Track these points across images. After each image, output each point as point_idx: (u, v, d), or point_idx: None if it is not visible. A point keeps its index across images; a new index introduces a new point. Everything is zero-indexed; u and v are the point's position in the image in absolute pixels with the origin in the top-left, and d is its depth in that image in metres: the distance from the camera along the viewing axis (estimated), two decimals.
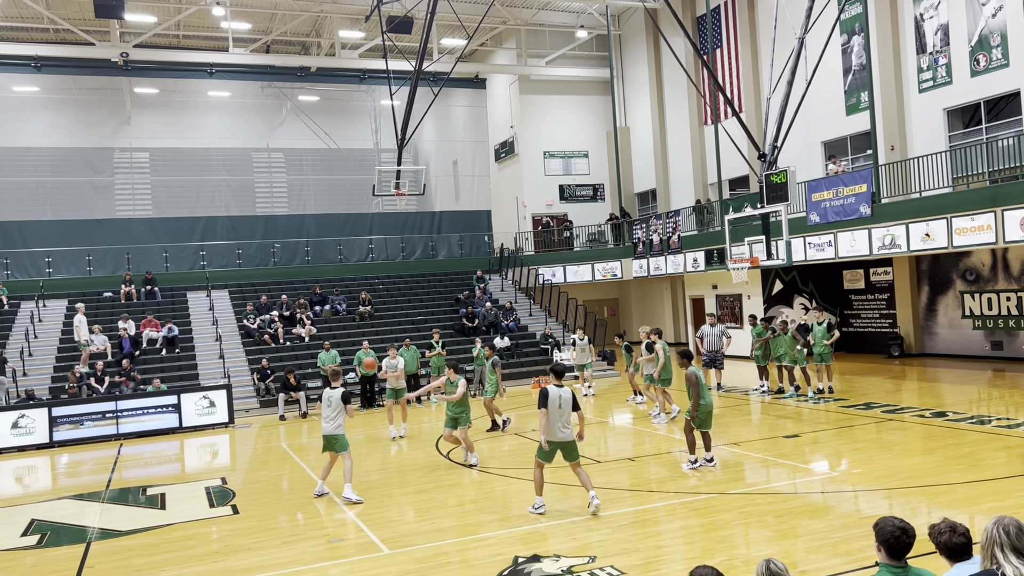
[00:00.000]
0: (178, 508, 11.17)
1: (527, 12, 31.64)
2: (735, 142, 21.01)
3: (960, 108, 20.67)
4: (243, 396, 20.62)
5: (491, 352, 16.93)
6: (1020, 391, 16.42)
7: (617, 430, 15.67)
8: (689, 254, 25.87)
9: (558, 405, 9.38)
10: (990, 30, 19.52)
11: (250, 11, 29.29)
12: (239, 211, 31.98)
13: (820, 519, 8.73)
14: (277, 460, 14.47)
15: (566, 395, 9.45)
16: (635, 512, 9.45)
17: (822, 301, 25.33)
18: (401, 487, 11.53)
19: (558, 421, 9.38)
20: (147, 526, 10.26)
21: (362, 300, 25.75)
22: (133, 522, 10.54)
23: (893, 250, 19.17)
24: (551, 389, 9.47)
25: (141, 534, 9.92)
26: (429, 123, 32.47)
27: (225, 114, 32.56)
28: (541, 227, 32.41)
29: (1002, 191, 16.88)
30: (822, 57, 19.14)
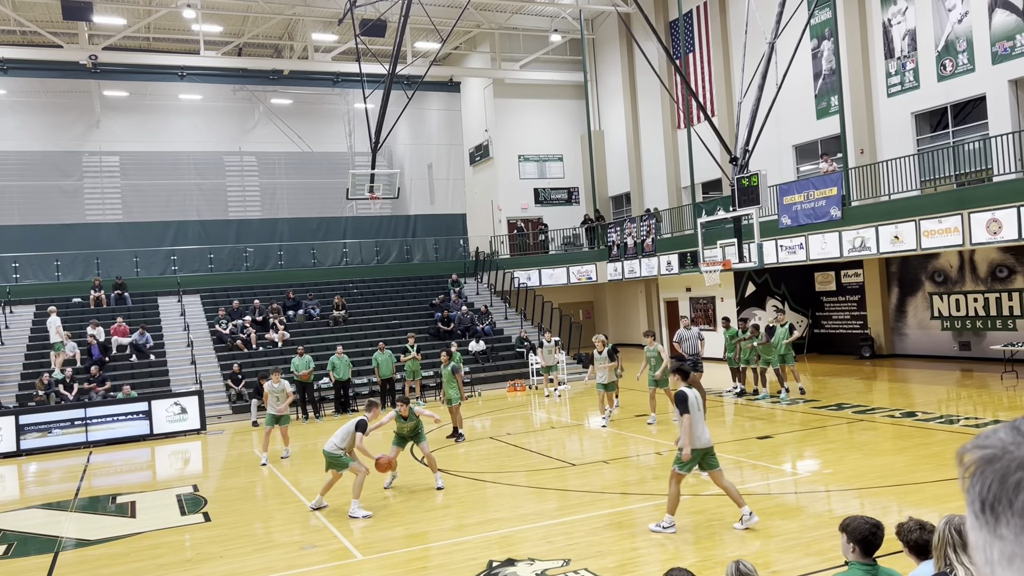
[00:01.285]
0: (148, 516, 11.01)
1: (501, 16, 31.68)
2: (707, 146, 21.17)
3: (927, 112, 20.99)
4: (215, 402, 20.40)
5: (447, 359, 16.61)
6: (987, 391, 16.69)
7: (592, 433, 15.69)
8: (663, 257, 26.02)
9: (698, 407, 8.60)
10: (956, 36, 19.85)
11: (221, 14, 29.05)
12: (211, 215, 31.65)
13: (792, 519, 8.80)
14: (249, 467, 14.32)
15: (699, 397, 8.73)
16: (610, 515, 9.47)
17: (794, 303, 25.59)
18: (375, 492, 11.46)
19: (701, 424, 8.61)
20: (116, 535, 10.11)
21: (336, 304, 25.59)
22: (102, 531, 10.38)
23: (863, 252, 19.41)
24: (687, 391, 8.56)
25: (110, 543, 9.77)
26: (403, 126, 32.37)
27: (196, 117, 32.24)
28: (516, 230, 32.43)
29: (968, 194, 17.15)
30: (792, 61, 19.35)
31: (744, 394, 18.25)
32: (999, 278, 20.22)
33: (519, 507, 10.13)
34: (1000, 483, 0.61)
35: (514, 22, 32.03)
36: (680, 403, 8.51)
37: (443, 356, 16.99)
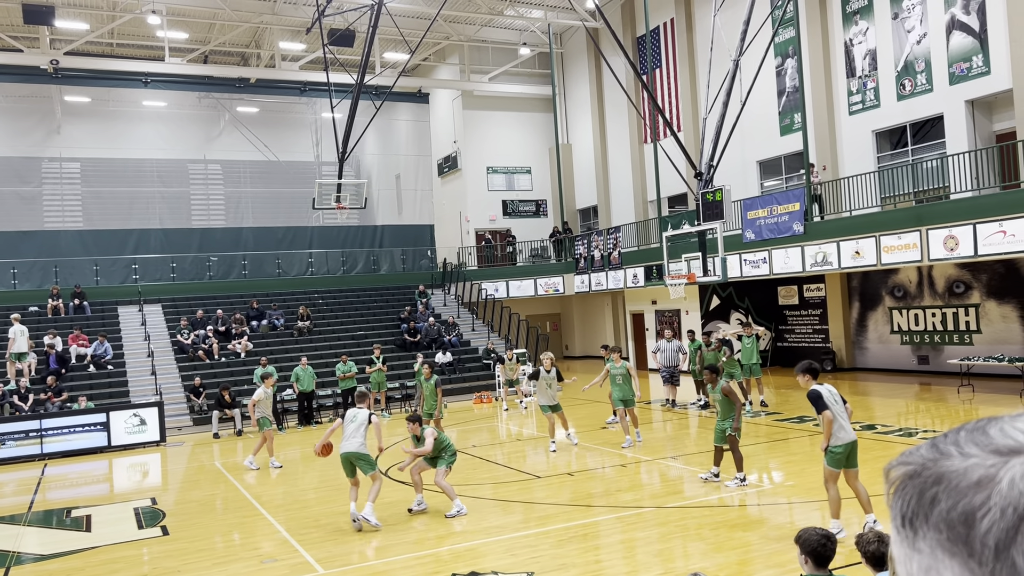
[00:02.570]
0: (105, 530, 10.77)
1: (470, 28, 31.78)
2: (673, 161, 21.39)
3: (888, 130, 21.43)
4: (176, 414, 20.06)
5: (430, 372, 16.37)
6: (945, 404, 17.01)
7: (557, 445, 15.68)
8: (629, 270, 26.19)
9: (834, 400, 8.32)
10: (915, 56, 20.32)
11: (187, 21, 28.75)
12: (174, 224, 31.22)
13: (754, 531, 8.87)
14: (210, 479, 14.09)
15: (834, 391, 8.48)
16: (575, 527, 9.46)
17: (758, 317, 25.89)
18: (338, 505, 11.33)
19: (844, 418, 8.31)
20: (71, 549, 9.87)
21: (301, 315, 25.34)
22: (56, 545, 10.13)
23: (825, 267, 19.71)
24: (820, 388, 8.33)
25: (64, 558, 9.53)
26: (371, 136, 32.26)
27: (160, 124, 31.83)
28: (484, 242, 32.44)
29: (927, 211, 17.53)
30: (756, 79, 19.65)
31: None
32: (956, 294, 20.66)
33: (483, 520, 10.08)
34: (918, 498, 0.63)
35: (483, 35, 32.15)
36: (816, 401, 8.26)
37: (425, 370, 16.14)
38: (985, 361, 18.14)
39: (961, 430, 0.66)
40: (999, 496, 0.58)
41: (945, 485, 0.61)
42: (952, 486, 0.61)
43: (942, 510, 0.61)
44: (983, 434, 0.64)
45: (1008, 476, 0.59)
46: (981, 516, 0.59)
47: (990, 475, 0.60)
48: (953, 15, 19.30)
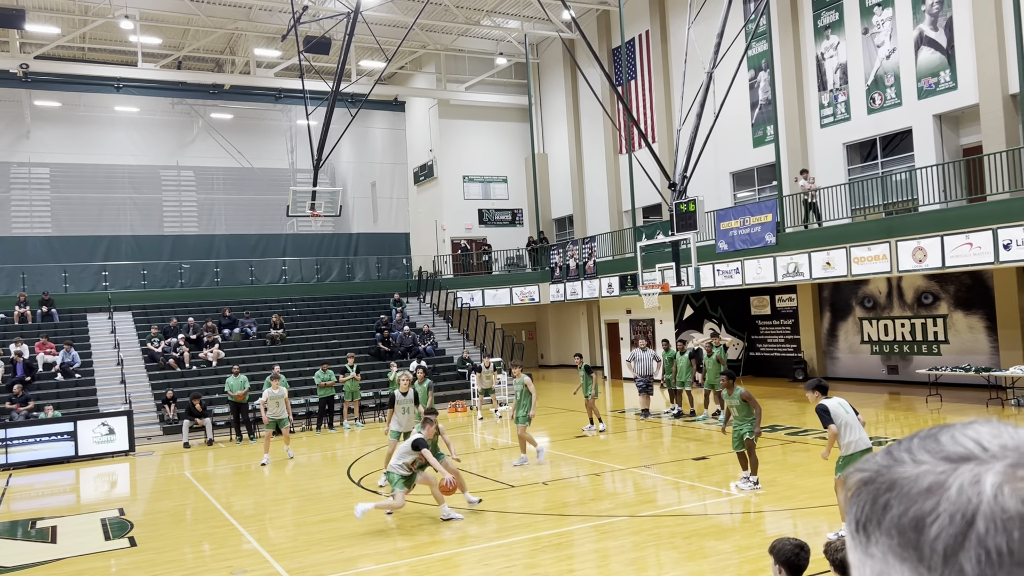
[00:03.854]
0: (70, 541, 10.58)
1: (447, 38, 31.83)
2: (647, 171, 21.54)
3: (858, 143, 21.75)
4: (145, 423, 19.78)
5: (424, 375, 16.04)
6: (913, 413, 17.24)
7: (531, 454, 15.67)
8: (604, 279, 26.29)
9: (845, 411, 8.55)
10: (885, 71, 20.66)
11: (160, 26, 28.51)
12: (145, 230, 30.86)
13: (726, 540, 8.92)
14: (180, 489, 13.90)
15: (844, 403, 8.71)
16: (548, 536, 9.45)
17: (731, 326, 26.09)
18: (311, 515, 11.24)
19: (857, 429, 8.49)
20: (35, 561, 9.68)
21: (273, 323, 25.12)
22: (20, 557, 9.93)
23: (796, 278, 19.93)
24: (827, 402, 8.58)
25: (29, 570, 9.35)
26: (347, 144, 32.17)
27: (132, 130, 31.50)
28: (460, 251, 32.41)
29: (896, 223, 17.80)
30: (730, 91, 19.86)
31: (681, 415, 18.49)
32: (924, 304, 20.97)
33: (457, 530, 10.04)
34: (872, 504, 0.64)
35: (460, 44, 32.22)
36: (822, 415, 8.50)
37: (419, 373, 16.07)
38: (952, 371, 18.42)
39: (915, 437, 0.67)
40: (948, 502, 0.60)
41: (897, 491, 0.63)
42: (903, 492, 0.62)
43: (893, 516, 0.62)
44: (935, 441, 0.65)
45: (957, 483, 0.60)
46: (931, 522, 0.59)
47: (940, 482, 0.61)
48: (921, 31, 19.67)
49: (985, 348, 19.47)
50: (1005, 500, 0.58)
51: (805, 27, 22.84)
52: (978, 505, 0.59)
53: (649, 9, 28.07)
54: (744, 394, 10.92)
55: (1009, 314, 18.71)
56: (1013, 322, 18.62)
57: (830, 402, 8.55)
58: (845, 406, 8.60)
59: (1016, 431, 0.65)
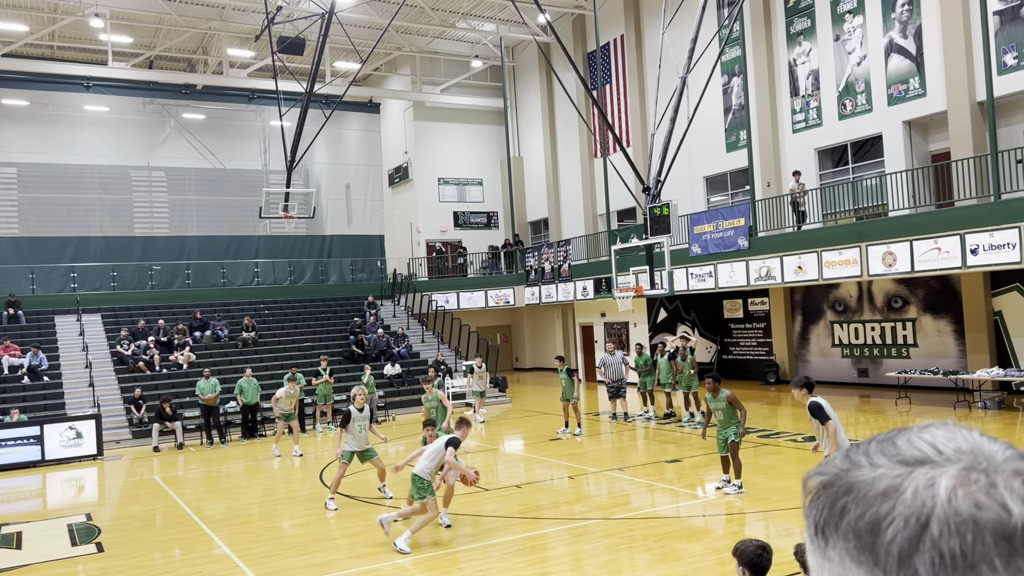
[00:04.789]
0: (35, 547, 10.39)
1: (422, 40, 31.76)
2: (622, 175, 21.63)
3: (829, 149, 22.01)
4: (114, 426, 19.49)
5: (434, 374, 16.69)
6: (883, 416, 17.45)
7: (506, 457, 15.67)
8: (579, 282, 26.36)
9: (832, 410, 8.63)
10: (855, 77, 20.93)
11: (132, 25, 28.15)
12: (115, 231, 30.44)
13: (699, 542, 8.96)
14: (149, 494, 13.71)
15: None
16: (522, 539, 9.44)
17: (704, 329, 26.26)
18: (281, 520, 11.13)
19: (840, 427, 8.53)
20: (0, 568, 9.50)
21: (245, 326, 24.87)
22: None
23: (769, 281, 20.11)
24: (820, 400, 8.59)
25: None
26: (321, 146, 31.97)
27: (103, 130, 31.06)
28: (435, 253, 32.33)
29: (866, 228, 18.03)
30: (703, 96, 20.00)
31: (668, 416, 18.57)
32: (894, 308, 21.25)
33: (431, 533, 10.00)
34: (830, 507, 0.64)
35: (435, 46, 32.16)
36: (818, 412, 8.49)
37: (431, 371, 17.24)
38: (921, 374, 18.68)
39: (873, 441, 0.67)
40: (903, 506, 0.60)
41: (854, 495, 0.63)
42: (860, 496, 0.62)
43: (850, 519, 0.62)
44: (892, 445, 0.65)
45: (912, 486, 0.61)
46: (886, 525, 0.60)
47: (895, 485, 0.61)
48: (891, 38, 19.95)
49: (953, 351, 19.77)
50: (959, 503, 0.59)
51: (778, 33, 23.07)
52: (932, 508, 0.59)
53: (624, 14, 28.21)
54: (730, 397, 10.96)
55: (976, 318, 19.02)
56: (980, 326, 18.93)
57: (822, 400, 8.59)
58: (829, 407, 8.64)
59: (971, 434, 0.65)
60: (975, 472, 0.61)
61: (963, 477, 0.60)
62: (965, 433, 0.65)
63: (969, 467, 0.61)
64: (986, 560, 0.57)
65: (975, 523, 0.58)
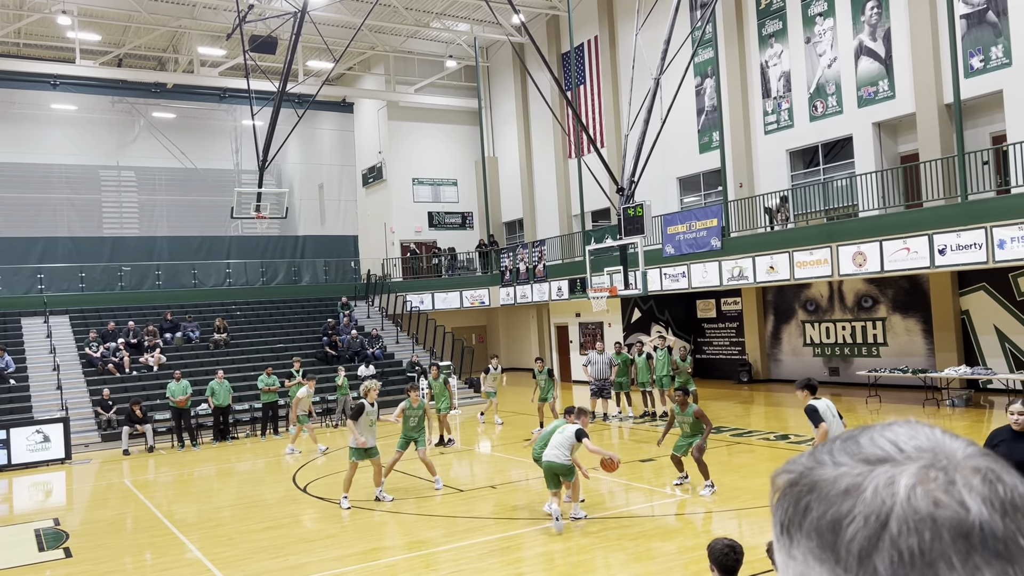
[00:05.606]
0: (1, 553, 10.19)
1: (396, 39, 31.63)
2: (596, 176, 21.69)
3: (801, 150, 22.24)
4: (83, 430, 19.19)
5: (437, 372, 17.06)
6: (854, 414, 17.65)
7: (481, 458, 15.65)
8: (554, 283, 26.40)
9: (832, 415, 8.80)
10: (826, 79, 21.17)
11: (100, 22, 27.73)
12: (83, 232, 29.99)
13: (672, 541, 9.00)
14: (119, 498, 13.51)
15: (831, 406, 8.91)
16: (496, 540, 9.42)
17: (677, 329, 26.42)
18: (255, 523, 11.02)
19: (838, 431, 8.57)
20: None
21: (217, 327, 24.61)
22: None
23: (741, 281, 20.28)
24: (816, 403, 8.79)
25: None
26: (293, 145, 31.72)
27: (71, 129, 30.58)
28: (410, 253, 32.21)
29: (837, 228, 18.24)
30: (676, 97, 20.11)
31: (647, 416, 18.65)
32: (864, 308, 21.52)
33: (405, 535, 9.97)
34: (794, 506, 0.64)
35: (409, 46, 32.05)
36: (811, 415, 8.69)
37: (433, 371, 17.37)
38: (891, 373, 18.92)
39: (837, 439, 0.67)
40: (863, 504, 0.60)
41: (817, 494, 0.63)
42: (823, 494, 0.62)
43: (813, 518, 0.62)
44: (855, 443, 0.65)
45: (872, 485, 0.61)
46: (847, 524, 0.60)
47: (856, 484, 0.61)
48: (861, 41, 20.21)
49: (921, 350, 20.06)
50: (917, 501, 0.59)
51: (750, 35, 23.27)
52: (892, 507, 0.59)
53: (598, 15, 28.31)
54: (698, 412, 10.96)
55: (944, 317, 19.32)
56: (948, 325, 19.23)
57: (819, 403, 8.76)
58: (832, 409, 8.80)
59: (932, 432, 0.65)
60: (934, 470, 0.61)
61: (922, 475, 0.61)
62: (927, 431, 0.65)
63: (929, 465, 0.61)
64: (944, 558, 0.57)
65: (933, 521, 0.58)
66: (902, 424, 0.66)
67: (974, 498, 0.59)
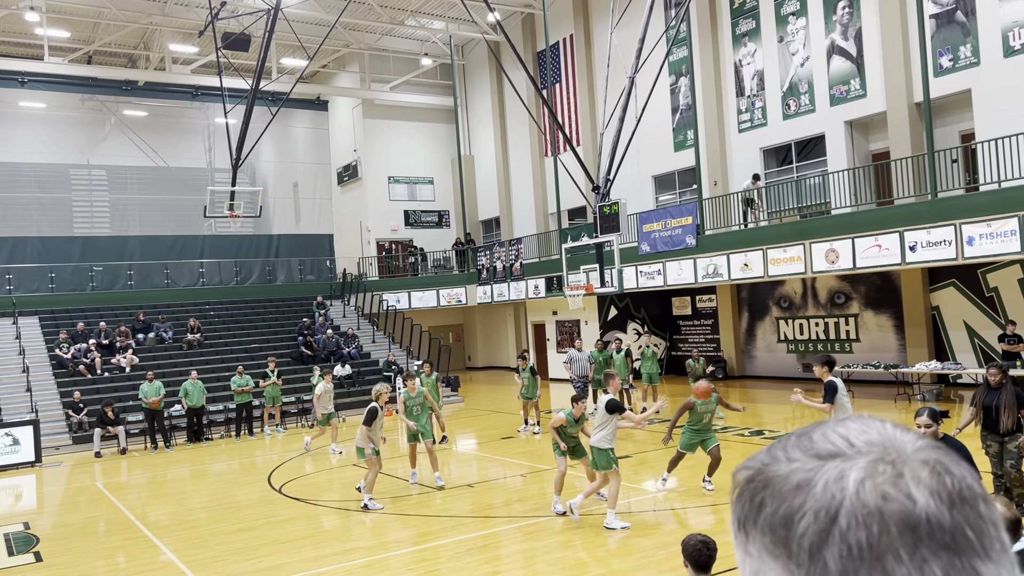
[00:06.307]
0: None
1: (370, 37, 31.46)
2: (572, 174, 21.74)
3: (774, 148, 22.43)
4: (53, 432, 18.90)
5: (431, 369, 16.87)
6: None
7: (459, 457, 15.62)
8: (530, 281, 26.42)
9: (844, 393, 9.13)
10: (799, 78, 21.37)
11: (69, 19, 27.32)
12: (53, 231, 29.54)
13: (648, 537, 9.05)
14: (91, 501, 13.33)
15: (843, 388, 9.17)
16: (474, 539, 9.41)
17: (653, 327, 26.55)
18: (230, 524, 10.92)
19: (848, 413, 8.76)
20: None
21: (190, 327, 24.36)
22: None
23: (716, 279, 20.41)
24: (836, 381, 9.13)
25: None
26: (267, 143, 31.46)
27: (39, 127, 30.10)
28: (385, 252, 32.06)
29: (810, 225, 18.42)
30: (651, 96, 20.21)
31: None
32: (837, 304, 21.76)
33: (381, 535, 9.93)
34: (750, 502, 0.65)
35: (384, 43, 31.90)
36: (830, 391, 9.07)
37: (426, 368, 17.02)
38: (863, 368, 19.15)
39: (792, 435, 0.68)
40: (813, 499, 0.60)
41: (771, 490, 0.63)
42: (776, 490, 0.63)
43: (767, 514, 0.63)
44: (808, 439, 0.66)
45: (823, 480, 0.61)
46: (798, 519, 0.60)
47: (807, 479, 0.62)
48: (833, 40, 20.41)
49: (893, 346, 20.32)
50: (866, 496, 0.59)
51: (724, 34, 23.42)
52: (841, 501, 0.60)
53: (573, 13, 28.35)
54: (720, 398, 11.07)
55: (915, 313, 19.58)
56: (919, 321, 19.49)
57: (839, 381, 9.20)
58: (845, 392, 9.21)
59: (884, 426, 0.66)
60: (883, 464, 0.61)
61: (871, 469, 0.61)
62: (879, 425, 0.65)
63: (878, 459, 0.62)
64: (891, 551, 0.58)
65: (881, 515, 0.59)
66: (855, 419, 0.67)
67: (922, 491, 0.59)
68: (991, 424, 8.44)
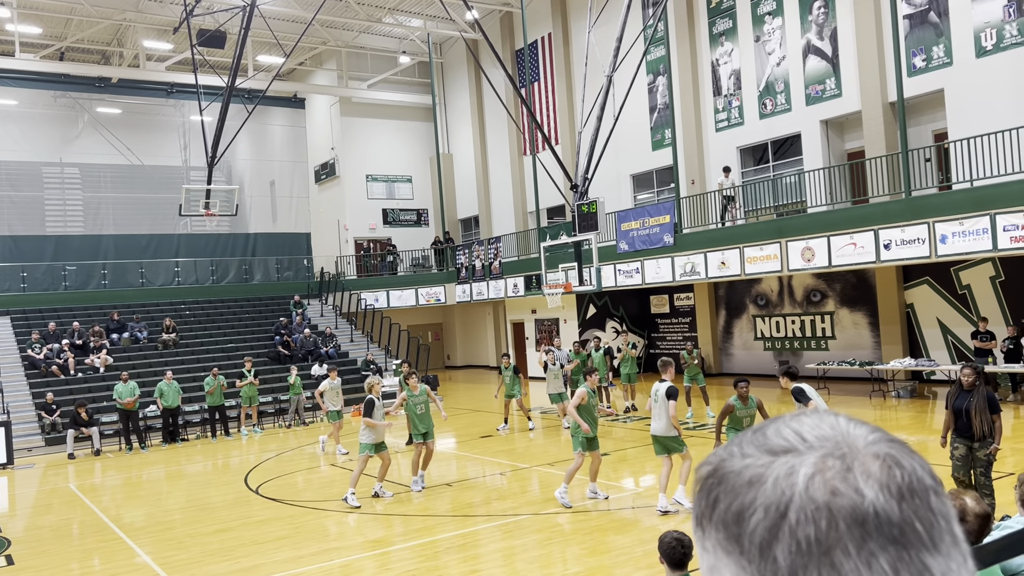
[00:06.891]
0: None
1: (348, 34, 31.29)
2: (550, 173, 21.75)
3: (751, 147, 22.58)
4: (26, 433, 18.65)
5: (409, 368, 16.64)
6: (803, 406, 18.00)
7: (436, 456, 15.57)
8: (509, 279, 26.41)
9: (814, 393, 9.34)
10: (775, 77, 21.52)
11: (41, 15, 26.92)
12: (25, 230, 29.12)
13: (626, 534, 9.08)
14: (64, 503, 13.16)
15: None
16: (453, 537, 9.40)
17: (632, 325, 26.65)
18: (205, 525, 10.82)
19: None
20: None
21: (166, 327, 24.11)
22: None
23: (693, 277, 20.52)
24: (803, 386, 9.37)
25: None
26: (244, 141, 31.20)
27: (10, 124, 29.65)
28: (363, 251, 31.92)
29: (786, 224, 18.57)
30: (629, 95, 20.27)
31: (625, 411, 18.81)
32: (813, 302, 21.95)
33: (360, 535, 9.88)
34: (707, 498, 0.65)
35: (361, 41, 31.74)
36: (800, 396, 9.20)
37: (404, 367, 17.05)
38: (839, 365, 19.33)
39: (748, 431, 0.68)
40: (764, 495, 0.60)
41: (725, 486, 0.63)
42: (729, 486, 0.63)
43: (721, 510, 0.62)
44: (762, 435, 0.66)
45: (773, 475, 0.61)
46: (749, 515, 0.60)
47: (759, 475, 0.62)
48: (809, 40, 20.58)
49: (868, 343, 20.53)
50: (815, 491, 0.59)
51: (701, 34, 23.54)
52: (791, 497, 0.60)
53: (551, 12, 28.36)
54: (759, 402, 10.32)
55: (889, 311, 19.80)
56: (893, 318, 19.71)
57: (803, 385, 9.29)
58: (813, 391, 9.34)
59: (838, 420, 0.66)
60: (832, 459, 0.61)
61: (820, 464, 0.61)
62: (832, 420, 0.65)
63: (828, 454, 0.62)
64: (840, 545, 0.58)
65: (829, 510, 0.59)
66: (810, 414, 0.67)
67: (870, 485, 0.59)
68: (962, 427, 8.20)
